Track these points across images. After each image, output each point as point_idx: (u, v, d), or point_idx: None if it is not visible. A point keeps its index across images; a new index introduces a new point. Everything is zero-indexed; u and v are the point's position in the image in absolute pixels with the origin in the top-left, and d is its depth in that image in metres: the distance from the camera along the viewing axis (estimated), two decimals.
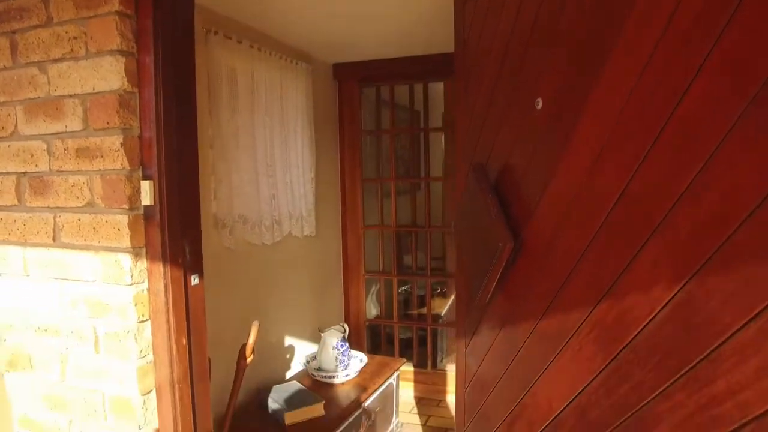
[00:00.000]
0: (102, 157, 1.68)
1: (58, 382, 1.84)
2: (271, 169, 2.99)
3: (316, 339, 3.42)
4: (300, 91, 3.26)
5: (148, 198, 1.69)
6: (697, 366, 0.95)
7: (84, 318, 1.76)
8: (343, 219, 3.96)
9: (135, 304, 1.70)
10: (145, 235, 1.72)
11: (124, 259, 1.69)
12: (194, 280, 1.83)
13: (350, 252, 3.99)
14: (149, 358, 1.75)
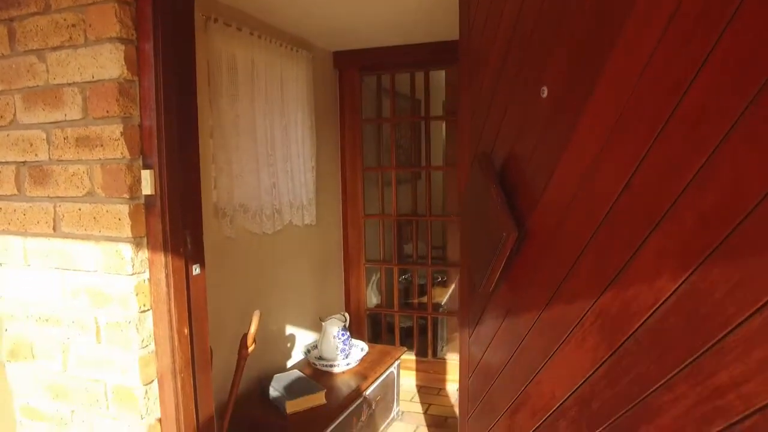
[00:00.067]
0: (102, 146, 1.67)
1: (60, 372, 1.84)
2: (272, 158, 2.98)
3: (316, 328, 3.42)
4: (300, 80, 3.24)
5: (149, 187, 1.68)
6: (700, 357, 0.95)
7: (85, 308, 1.76)
8: (344, 208, 3.95)
9: (136, 294, 1.70)
10: (146, 224, 1.71)
11: (125, 249, 1.68)
12: (195, 270, 1.82)
13: (351, 241, 3.98)
14: (151, 348, 1.75)
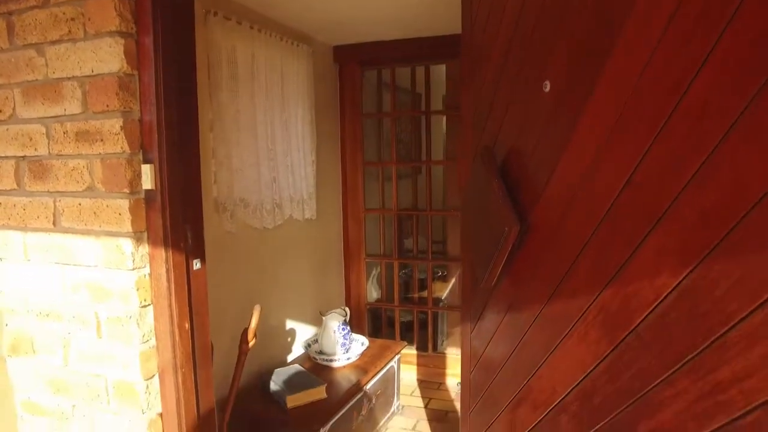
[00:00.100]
0: (102, 140, 1.66)
1: (61, 367, 1.84)
2: (272, 153, 2.97)
3: (317, 322, 3.42)
4: (301, 74, 3.22)
5: (149, 182, 1.68)
6: (702, 353, 0.95)
7: (86, 303, 1.76)
8: (344, 202, 3.95)
9: (137, 289, 1.69)
10: (147, 219, 1.71)
11: (126, 244, 1.68)
12: (196, 265, 1.82)
13: (351, 235, 3.98)
14: (152, 343, 1.75)
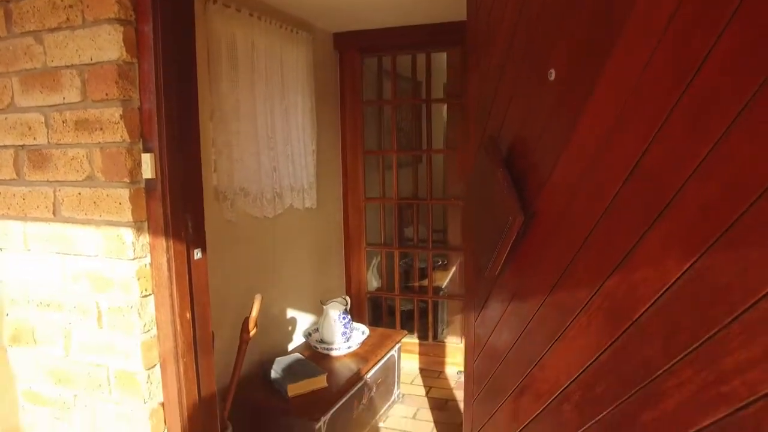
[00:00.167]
0: (101, 129, 1.65)
1: (62, 357, 1.83)
2: (272, 141, 2.95)
3: (317, 311, 3.43)
4: (300, 62, 3.20)
5: (149, 171, 1.66)
6: (705, 343, 0.95)
7: (86, 293, 1.75)
8: (345, 191, 3.94)
9: (138, 279, 1.69)
10: (147, 208, 1.70)
11: (126, 234, 1.67)
12: (197, 254, 1.81)
13: (351, 224, 3.97)
14: (153, 333, 1.75)
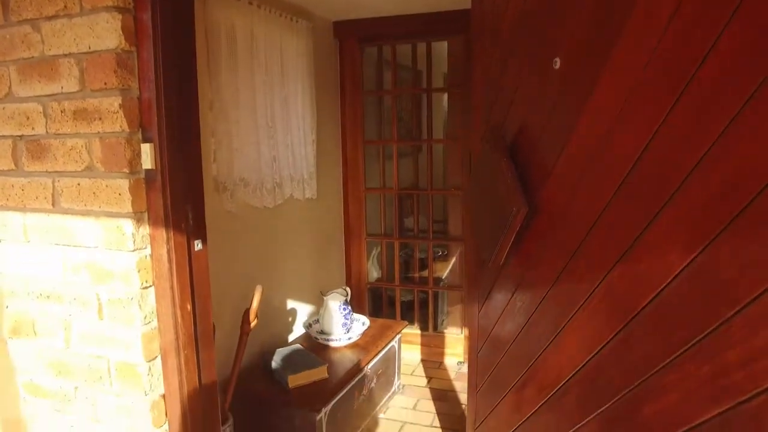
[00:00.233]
0: (100, 119, 1.63)
1: (63, 349, 1.82)
2: (272, 131, 2.93)
3: (318, 302, 3.42)
4: (300, 50, 3.17)
5: (149, 161, 1.65)
6: (708, 336, 0.95)
7: (86, 284, 1.74)
8: (345, 181, 3.92)
9: (138, 270, 1.67)
10: (147, 199, 1.68)
11: (126, 225, 1.65)
12: (197, 245, 1.80)
13: (352, 215, 3.96)
14: (154, 324, 1.74)
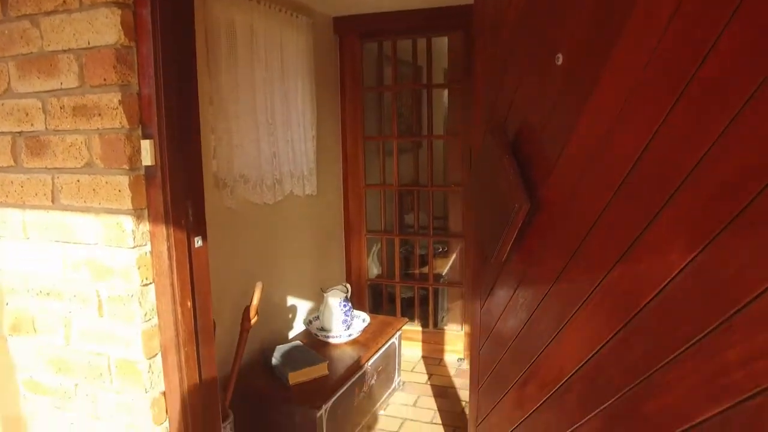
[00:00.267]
0: (100, 115, 1.62)
1: (63, 346, 1.82)
2: (272, 127, 2.92)
3: (318, 298, 3.42)
4: (300, 46, 3.16)
5: (149, 158, 1.64)
6: (709, 334, 0.95)
7: (86, 281, 1.73)
8: (345, 178, 3.91)
9: (138, 267, 1.67)
10: (147, 196, 1.68)
11: (126, 221, 1.65)
12: (198, 242, 1.79)
13: (352, 211, 3.96)
14: (154, 322, 1.73)
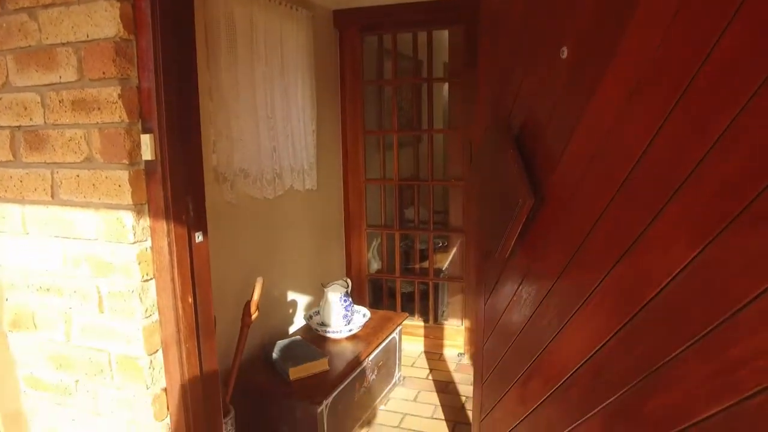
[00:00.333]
0: (99, 109, 1.60)
1: (63, 342, 1.81)
2: (272, 121, 2.91)
3: (318, 293, 3.41)
4: (300, 40, 3.14)
5: (149, 152, 1.62)
6: (712, 331, 0.94)
7: (87, 277, 1.72)
8: (345, 172, 3.90)
9: (139, 263, 1.65)
10: (147, 191, 1.66)
11: (126, 217, 1.63)
12: (198, 237, 1.78)
13: (352, 206, 3.94)
14: (155, 317, 1.72)
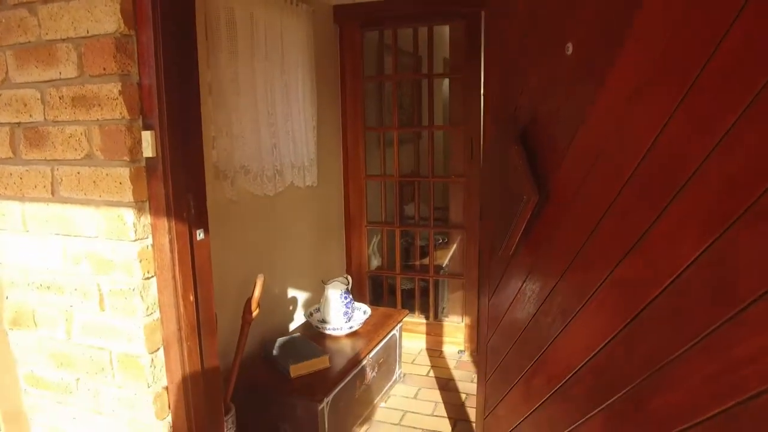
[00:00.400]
0: (100, 105, 1.59)
1: (64, 340, 1.80)
2: (272, 118, 2.89)
3: (318, 290, 3.40)
4: (300, 35, 3.12)
5: (150, 149, 1.61)
6: (718, 329, 0.93)
7: (87, 275, 1.71)
8: (345, 169, 3.89)
9: (140, 261, 1.64)
10: (148, 188, 1.65)
11: (127, 214, 1.62)
12: (200, 235, 1.77)
13: (352, 202, 3.93)
14: (156, 315, 1.71)
